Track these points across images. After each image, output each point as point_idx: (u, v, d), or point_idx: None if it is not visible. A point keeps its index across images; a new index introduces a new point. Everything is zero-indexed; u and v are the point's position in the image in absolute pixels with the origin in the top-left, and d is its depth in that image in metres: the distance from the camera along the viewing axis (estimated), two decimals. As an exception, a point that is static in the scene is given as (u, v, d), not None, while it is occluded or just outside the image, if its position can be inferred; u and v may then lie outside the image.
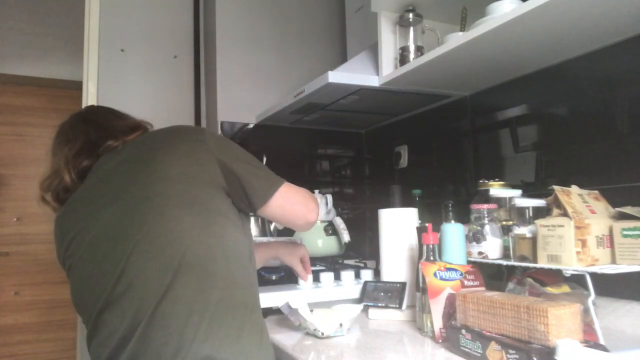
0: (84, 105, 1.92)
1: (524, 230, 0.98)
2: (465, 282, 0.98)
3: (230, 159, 0.90)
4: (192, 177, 0.85)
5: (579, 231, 0.87)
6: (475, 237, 1.08)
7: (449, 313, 0.94)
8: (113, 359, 0.78)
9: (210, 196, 0.86)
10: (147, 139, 0.94)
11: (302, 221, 1.00)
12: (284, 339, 1.01)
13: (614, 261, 0.90)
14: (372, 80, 1.43)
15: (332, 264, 1.51)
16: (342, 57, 2.15)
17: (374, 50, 1.48)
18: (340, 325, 1.00)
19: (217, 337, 0.77)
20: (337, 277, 1.34)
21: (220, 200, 0.88)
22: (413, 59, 1.33)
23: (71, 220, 0.89)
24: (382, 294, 1.18)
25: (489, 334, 0.79)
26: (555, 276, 0.95)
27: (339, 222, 1.58)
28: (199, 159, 0.87)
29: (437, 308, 0.95)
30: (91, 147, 0.94)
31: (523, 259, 0.97)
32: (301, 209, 0.98)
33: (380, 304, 1.16)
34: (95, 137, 0.94)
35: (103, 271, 0.81)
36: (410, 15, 1.36)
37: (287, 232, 1.76)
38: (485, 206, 1.08)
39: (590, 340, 0.74)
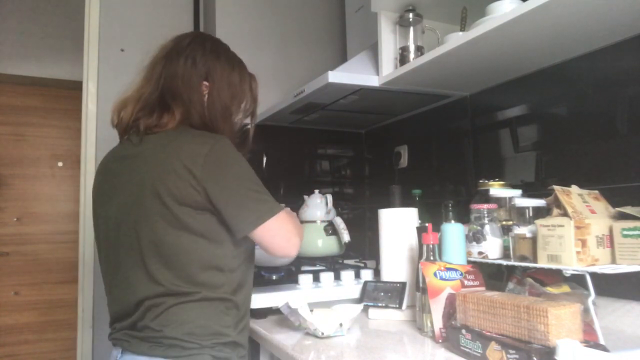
0: (83, 105, 1.92)
1: (524, 230, 0.98)
2: (465, 282, 0.98)
3: (217, 189, 0.89)
4: (176, 198, 0.88)
5: (579, 231, 0.87)
6: (475, 237, 1.08)
7: (449, 313, 0.94)
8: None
9: (188, 216, 0.89)
10: (156, 148, 0.94)
11: (279, 253, 0.98)
12: (284, 339, 1.01)
13: (614, 261, 0.90)
14: (372, 80, 1.42)
15: (332, 263, 1.51)
16: (342, 57, 2.15)
17: (374, 50, 1.48)
18: (340, 325, 1.00)
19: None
20: (337, 277, 1.34)
21: (198, 221, 0.90)
22: (413, 58, 1.33)
23: (99, 194, 1.03)
24: (382, 293, 1.18)
25: (489, 333, 0.79)
26: (555, 276, 0.95)
27: (339, 222, 1.58)
28: (186, 186, 0.88)
29: (437, 308, 0.95)
30: (149, 105, 0.99)
31: (523, 258, 0.97)
32: (282, 243, 0.96)
33: (380, 304, 1.16)
34: (156, 97, 0.99)
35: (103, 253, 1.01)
36: (410, 15, 1.36)
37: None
38: (485, 206, 1.08)
39: (590, 340, 0.74)
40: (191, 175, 0.88)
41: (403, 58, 1.36)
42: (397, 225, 1.22)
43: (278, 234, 0.95)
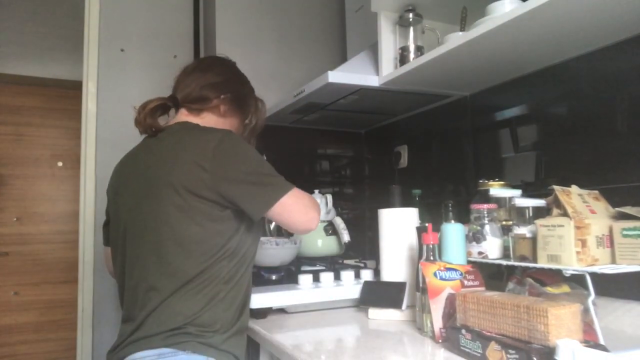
0: (83, 105, 1.92)
1: (523, 230, 0.98)
2: (465, 282, 0.98)
3: (227, 183, 0.96)
4: (187, 191, 0.95)
5: (579, 231, 0.87)
6: (475, 237, 1.08)
7: (449, 313, 0.94)
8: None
9: (200, 206, 0.95)
10: (169, 143, 1.03)
11: (301, 228, 1.04)
12: (284, 339, 1.01)
13: (613, 261, 0.90)
14: (372, 80, 1.43)
15: (332, 263, 1.51)
16: (342, 57, 2.14)
17: (374, 50, 1.48)
18: None
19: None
20: (337, 277, 1.34)
21: (207, 210, 0.96)
22: (413, 58, 1.33)
23: (117, 180, 1.14)
24: (382, 294, 1.18)
25: (488, 334, 0.79)
26: (555, 276, 0.95)
27: (339, 222, 1.58)
28: (196, 181, 0.95)
29: (437, 308, 0.95)
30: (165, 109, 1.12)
31: (523, 258, 0.97)
32: (300, 217, 1.02)
33: (380, 304, 1.16)
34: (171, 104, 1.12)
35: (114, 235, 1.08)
36: (410, 15, 1.36)
37: (287, 231, 1.76)
38: (485, 206, 1.08)
39: (590, 340, 0.74)
40: (201, 169, 0.94)
41: (403, 58, 1.36)
42: (397, 225, 1.22)
43: (295, 209, 1.00)
